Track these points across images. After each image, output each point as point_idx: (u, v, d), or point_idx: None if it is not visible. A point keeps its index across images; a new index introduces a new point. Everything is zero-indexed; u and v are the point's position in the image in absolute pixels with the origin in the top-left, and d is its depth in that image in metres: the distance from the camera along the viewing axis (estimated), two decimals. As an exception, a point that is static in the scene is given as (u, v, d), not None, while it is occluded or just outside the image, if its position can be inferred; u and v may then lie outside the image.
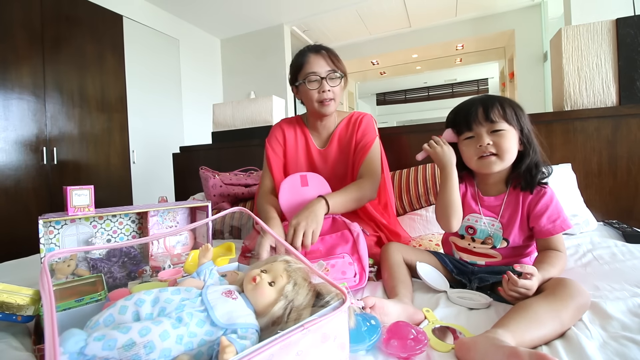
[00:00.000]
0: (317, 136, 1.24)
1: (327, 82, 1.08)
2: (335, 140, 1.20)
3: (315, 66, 1.08)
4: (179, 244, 1.19)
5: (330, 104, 1.10)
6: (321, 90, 1.09)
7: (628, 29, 1.43)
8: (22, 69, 2.29)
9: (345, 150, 1.19)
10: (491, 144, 0.79)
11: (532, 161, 0.81)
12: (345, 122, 1.22)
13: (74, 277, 0.92)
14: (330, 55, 1.11)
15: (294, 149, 1.23)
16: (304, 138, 1.23)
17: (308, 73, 1.08)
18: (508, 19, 3.99)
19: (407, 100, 8.32)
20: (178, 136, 3.61)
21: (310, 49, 1.12)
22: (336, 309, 0.47)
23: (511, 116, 0.79)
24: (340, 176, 1.19)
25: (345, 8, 3.81)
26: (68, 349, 0.37)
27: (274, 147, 1.23)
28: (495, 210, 0.84)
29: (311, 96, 1.10)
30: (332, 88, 1.09)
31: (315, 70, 1.08)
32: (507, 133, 0.79)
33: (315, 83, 1.09)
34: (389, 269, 0.84)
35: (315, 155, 1.21)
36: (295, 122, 1.26)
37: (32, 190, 2.34)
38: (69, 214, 0.85)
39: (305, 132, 1.24)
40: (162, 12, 3.59)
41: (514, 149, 0.80)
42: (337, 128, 1.21)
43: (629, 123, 1.36)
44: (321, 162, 1.21)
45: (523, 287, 0.63)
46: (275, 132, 1.25)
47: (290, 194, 1.07)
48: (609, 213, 1.38)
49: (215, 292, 0.50)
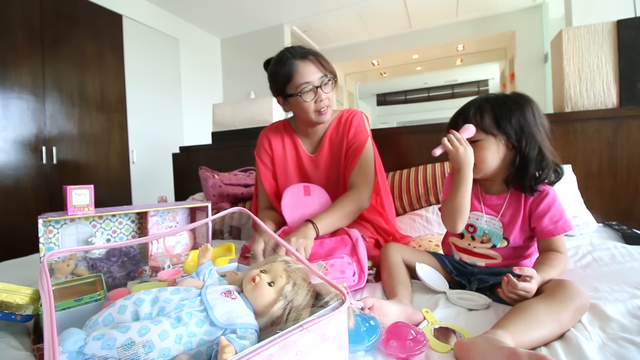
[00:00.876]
0: (307, 141, 1.18)
1: (322, 90, 1.02)
2: (326, 145, 1.15)
3: (307, 75, 1.00)
4: (178, 244, 1.19)
5: (328, 111, 1.06)
6: (318, 100, 1.02)
7: (629, 30, 1.43)
8: (22, 68, 2.29)
9: (336, 154, 1.14)
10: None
11: (524, 161, 0.78)
12: (335, 123, 1.16)
13: (73, 276, 0.92)
14: (318, 59, 1.03)
15: (282, 157, 1.18)
16: (293, 145, 1.18)
17: (301, 84, 1.00)
18: (509, 19, 3.99)
19: (407, 100, 8.33)
20: (178, 136, 3.61)
21: (295, 56, 1.01)
22: (335, 309, 0.47)
23: (490, 125, 0.78)
24: (333, 181, 1.16)
25: (345, 8, 3.81)
26: (67, 348, 0.37)
27: (263, 159, 1.20)
28: (497, 209, 0.84)
29: (307, 108, 1.03)
30: (327, 94, 1.03)
31: (308, 80, 1.00)
32: (484, 143, 0.79)
33: (311, 93, 1.01)
34: (388, 270, 0.84)
35: (306, 162, 1.17)
36: (282, 128, 1.21)
37: (31, 189, 2.34)
38: (69, 214, 0.85)
39: (294, 139, 1.18)
40: (162, 11, 3.59)
41: (491, 158, 0.79)
42: (327, 131, 1.15)
43: (629, 124, 1.36)
44: (312, 168, 1.17)
45: (522, 290, 0.63)
46: (262, 142, 1.21)
47: (292, 201, 1.07)
48: (609, 214, 1.38)
49: (214, 292, 0.50)
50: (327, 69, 1.04)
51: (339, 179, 1.15)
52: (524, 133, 0.78)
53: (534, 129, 0.78)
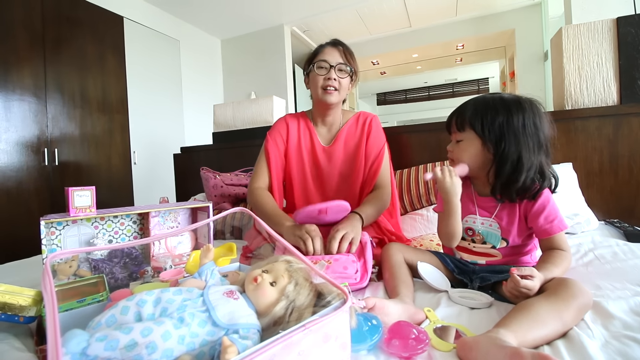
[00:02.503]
0: (323, 132, 1.22)
1: (335, 72, 1.10)
2: (342, 139, 1.19)
3: (328, 55, 1.11)
4: (180, 244, 1.19)
5: (333, 93, 1.11)
6: (327, 77, 1.10)
7: (629, 27, 1.43)
8: (23, 70, 2.30)
9: (352, 151, 1.18)
10: (452, 151, 0.87)
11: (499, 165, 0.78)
12: (352, 121, 1.21)
13: (75, 277, 0.92)
14: (345, 50, 1.14)
15: (297, 144, 1.21)
16: (309, 133, 1.22)
17: (319, 60, 1.11)
18: (508, 18, 3.98)
19: (407, 100, 8.32)
20: (179, 137, 3.62)
21: (328, 42, 1.15)
22: (338, 308, 0.47)
23: (476, 126, 0.80)
24: (345, 176, 1.18)
25: (345, 8, 3.81)
26: (70, 349, 0.37)
27: (277, 141, 1.20)
28: (491, 210, 0.85)
29: (317, 82, 1.11)
30: (339, 79, 1.11)
31: (326, 59, 1.10)
32: (465, 143, 0.83)
33: (324, 70, 1.11)
34: (390, 269, 0.84)
35: (319, 152, 1.20)
36: (300, 116, 1.25)
37: (33, 191, 2.35)
38: (71, 215, 0.85)
39: (310, 126, 1.22)
40: (162, 13, 3.59)
41: (469, 158, 0.83)
42: (344, 126, 1.20)
43: (630, 122, 1.35)
44: (325, 159, 1.20)
45: (525, 288, 0.63)
46: (279, 126, 1.23)
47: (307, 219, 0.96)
48: (610, 212, 1.38)
49: (216, 292, 0.50)
50: (348, 60, 1.13)
51: (351, 174, 1.18)
52: (504, 137, 0.77)
53: (517, 135, 0.77)
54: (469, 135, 0.82)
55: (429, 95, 8.02)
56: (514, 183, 0.78)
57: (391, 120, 8.18)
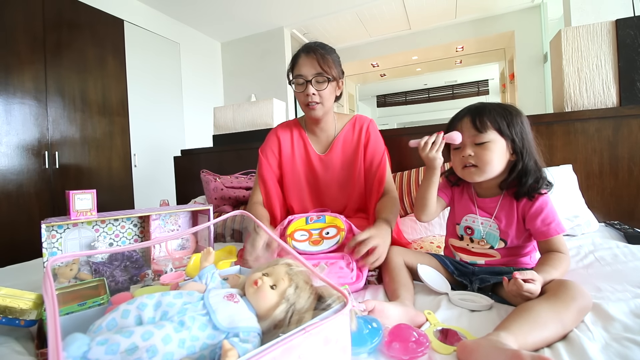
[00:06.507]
0: (317, 141, 1.19)
1: (313, 85, 1.04)
2: (338, 147, 1.16)
3: (303, 68, 1.05)
4: (180, 247, 1.19)
5: (316, 107, 1.07)
6: (306, 93, 1.05)
7: (628, 29, 1.43)
8: (24, 74, 2.31)
9: (349, 158, 1.16)
10: (472, 155, 0.82)
11: (524, 170, 0.81)
12: (349, 127, 1.18)
13: (76, 281, 0.93)
14: (320, 56, 1.04)
15: (291, 155, 1.18)
16: (302, 143, 1.19)
17: (296, 75, 1.07)
18: (508, 20, 4.00)
19: (407, 102, 8.34)
20: (179, 139, 3.62)
21: (303, 49, 1.08)
22: (338, 311, 0.47)
23: (501, 126, 0.80)
24: (343, 183, 1.16)
25: (345, 11, 3.82)
26: (71, 353, 0.37)
27: (269, 158, 1.19)
28: (491, 210, 0.86)
29: (299, 97, 1.09)
30: (319, 91, 1.05)
31: (302, 73, 1.05)
32: (491, 145, 0.80)
33: (301, 86, 1.06)
34: (390, 272, 0.84)
35: (315, 161, 1.17)
36: (292, 125, 1.23)
37: (34, 194, 2.35)
38: (72, 218, 0.85)
39: (303, 136, 1.19)
40: (162, 16, 3.61)
41: (498, 160, 0.81)
42: (340, 133, 1.17)
43: (629, 124, 1.36)
44: (322, 168, 1.17)
45: (527, 291, 0.63)
46: (270, 141, 1.21)
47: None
48: (611, 214, 1.38)
49: (217, 295, 0.50)
50: (323, 68, 1.04)
51: (349, 181, 1.16)
52: (524, 141, 0.81)
53: (529, 135, 0.82)
54: (492, 137, 0.80)
55: (429, 97, 8.04)
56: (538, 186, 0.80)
57: (391, 122, 8.20)
